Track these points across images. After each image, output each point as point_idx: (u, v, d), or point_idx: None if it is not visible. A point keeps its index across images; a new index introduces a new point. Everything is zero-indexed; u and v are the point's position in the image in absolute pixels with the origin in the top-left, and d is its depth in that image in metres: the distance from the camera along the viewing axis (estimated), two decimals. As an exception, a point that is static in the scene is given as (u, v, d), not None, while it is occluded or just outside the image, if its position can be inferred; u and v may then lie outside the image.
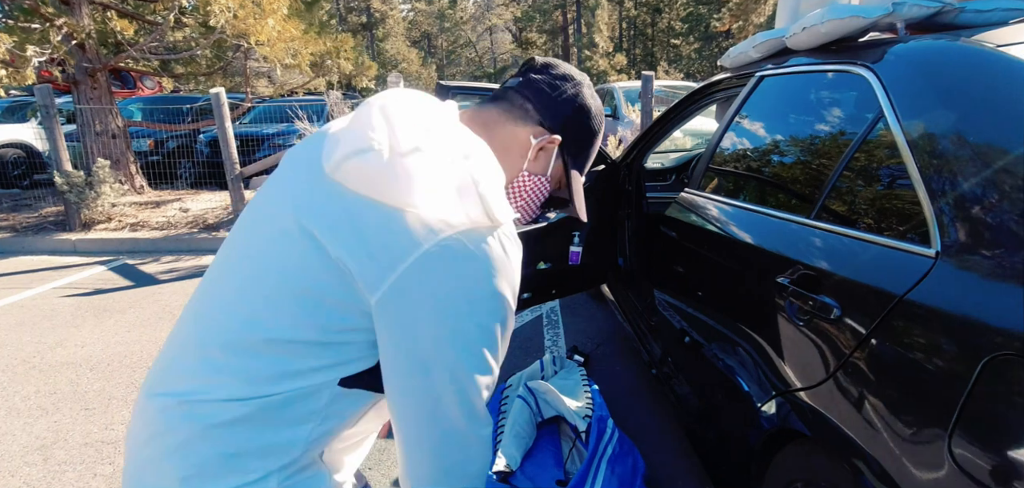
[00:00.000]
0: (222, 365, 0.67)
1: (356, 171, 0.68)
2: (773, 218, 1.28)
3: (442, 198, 0.68)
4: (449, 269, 0.66)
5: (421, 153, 0.69)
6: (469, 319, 0.67)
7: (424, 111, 0.75)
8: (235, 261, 0.74)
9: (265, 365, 0.66)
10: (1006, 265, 0.72)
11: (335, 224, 0.67)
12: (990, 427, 0.67)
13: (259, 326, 0.66)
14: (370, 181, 0.68)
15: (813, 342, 1.01)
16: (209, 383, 0.67)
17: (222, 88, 4.88)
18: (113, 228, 5.15)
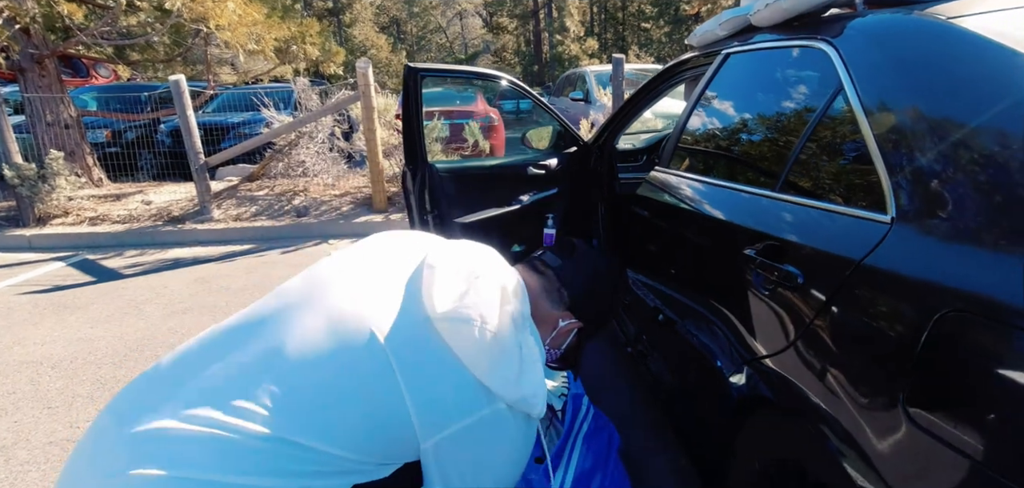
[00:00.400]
0: (253, 451, 0.66)
1: (456, 333, 0.78)
2: (740, 192, 1.32)
3: (520, 386, 0.81)
4: (502, 433, 0.81)
5: (511, 337, 0.82)
6: (501, 476, 0.82)
7: (511, 285, 0.88)
8: (286, 341, 0.74)
9: (293, 463, 0.67)
10: (955, 227, 0.75)
11: (416, 365, 0.76)
12: (940, 383, 0.71)
13: (305, 429, 0.68)
14: (464, 343, 0.78)
15: (778, 311, 1.04)
16: (231, 460, 0.65)
17: (181, 76, 4.69)
18: (71, 222, 4.94)
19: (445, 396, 0.76)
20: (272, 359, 0.71)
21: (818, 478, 0.95)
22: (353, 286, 0.82)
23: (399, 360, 0.74)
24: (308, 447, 0.67)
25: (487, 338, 0.78)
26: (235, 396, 0.67)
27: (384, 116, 5.23)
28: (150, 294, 3.47)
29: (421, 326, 0.78)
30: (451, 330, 0.78)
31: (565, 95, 9.33)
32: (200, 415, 0.65)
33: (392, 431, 0.74)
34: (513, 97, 9.42)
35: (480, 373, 0.77)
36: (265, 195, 5.50)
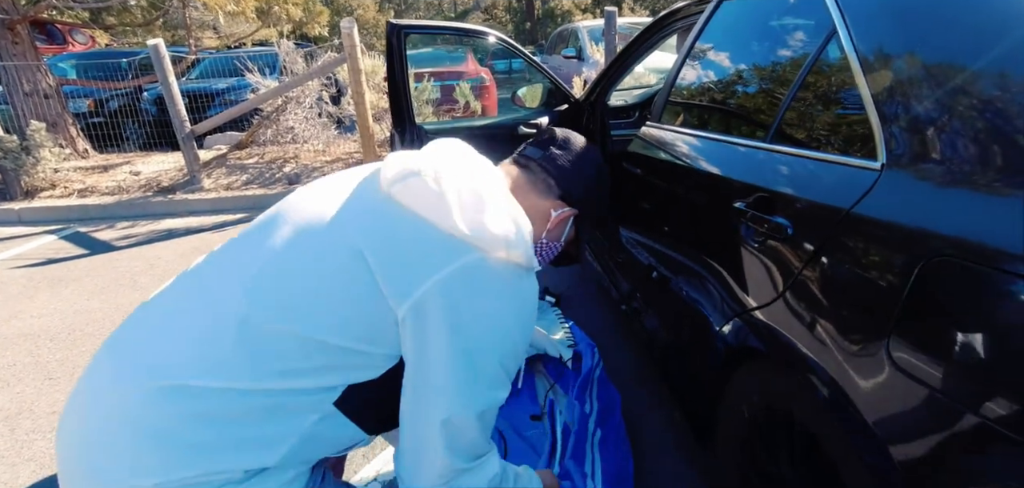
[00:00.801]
0: (230, 352, 0.66)
1: (407, 189, 0.75)
2: (730, 145, 1.31)
3: (487, 224, 0.74)
4: (481, 287, 0.73)
5: (468, 183, 0.77)
6: (487, 346, 0.73)
7: (474, 158, 0.85)
8: (261, 254, 0.74)
9: (280, 360, 0.67)
10: (945, 173, 0.75)
11: (378, 237, 0.72)
12: (924, 327, 0.72)
13: (288, 321, 0.67)
14: (418, 196, 0.74)
15: (768, 262, 1.05)
16: (211, 368, 0.66)
17: (160, 40, 4.55)
18: (59, 195, 4.88)
19: (409, 255, 0.71)
20: (252, 278, 0.71)
21: (805, 425, 0.97)
22: (316, 197, 0.79)
23: (360, 230, 0.72)
24: (288, 335, 0.66)
25: (443, 184, 0.74)
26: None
27: (372, 78, 5.13)
28: (144, 265, 3.46)
29: (380, 201, 0.76)
30: (404, 189, 0.75)
31: (557, 52, 9.14)
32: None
33: (368, 306, 0.69)
34: (505, 56, 9.23)
35: (444, 222, 0.72)
36: (255, 163, 5.42)
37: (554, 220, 0.95)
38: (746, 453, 1.20)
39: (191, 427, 0.64)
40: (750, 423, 1.16)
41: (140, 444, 0.64)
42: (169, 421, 0.64)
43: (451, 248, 0.72)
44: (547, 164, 0.95)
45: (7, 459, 1.79)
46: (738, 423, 1.20)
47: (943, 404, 0.66)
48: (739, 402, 1.19)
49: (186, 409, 0.64)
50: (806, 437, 0.98)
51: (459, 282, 0.71)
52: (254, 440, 0.67)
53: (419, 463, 0.73)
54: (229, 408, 0.65)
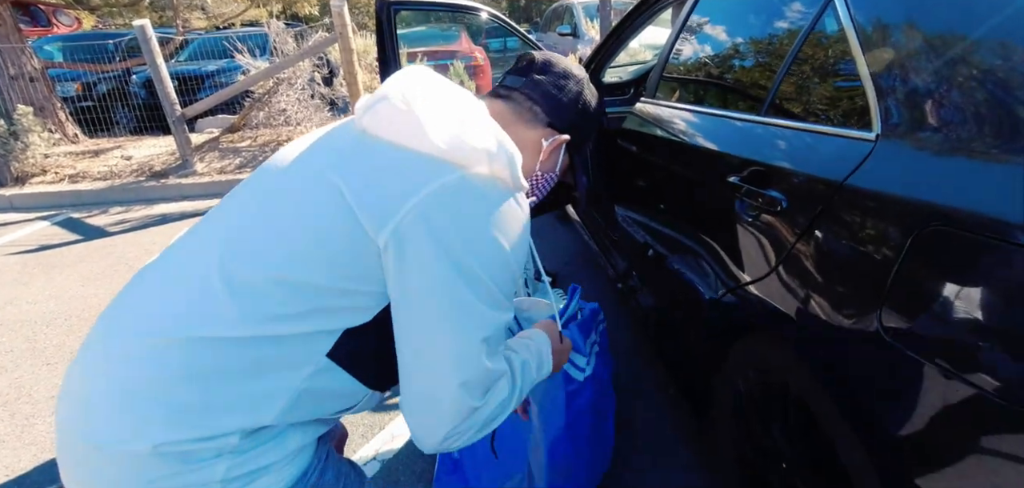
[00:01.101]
0: (218, 303, 0.64)
1: (375, 116, 0.71)
2: (725, 119, 1.30)
3: (464, 138, 0.70)
4: (464, 205, 0.67)
5: (440, 101, 0.72)
6: (478, 267, 0.67)
7: (445, 82, 0.80)
8: (243, 206, 0.72)
9: (267, 304, 0.64)
10: (937, 143, 0.76)
11: (351, 168, 0.68)
12: (915, 297, 0.73)
13: (271, 264, 0.65)
14: (388, 121, 0.70)
15: (763, 237, 1.06)
16: (198, 321, 0.64)
17: (147, 20, 4.47)
18: (50, 181, 4.83)
19: (385, 181, 0.67)
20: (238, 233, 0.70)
21: (801, 398, 0.99)
22: (295, 149, 0.78)
23: (334, 166, 0.69)
24: (274, 280, 0.64)
25: (413, 104, 0.70)
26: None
27: (365, 59, 5.06)
28: (139, 250, 3.45)
29: (353, 137, 0.73)
30: (372, 117, 0.71)
31: (552, 30, 9.04)
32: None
33: (349, 241, 0.66)
34: (499, 35, 9.11)
35: (418, 142, 0.68)
36: (248, 146, 5.37)
37: (546, 149, 0.89)
38: (742, 427, 1.22)
39: (180, 387, 0.62)
40: (746, 397, 1.18)
41: (131, 407, 0.62)
42: (158, 382, 0.62)
43: (429, 168, 0.67)
44: (531, 91, 0.89)
45: (8, 443, 1.81)
46: (734, 398, 1.22)
47: (935, 374, 0.67)
48: (735, 377, 1.21)
49: (174, 367, 0.63)
50: (801, 410, 1.00)
51: (440, 202, 0.66)
52: (246, 397, 0.64)
53: (427, 412, 0.69)
54: (218, 362, 0.63)
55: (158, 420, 0.61)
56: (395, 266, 0.65)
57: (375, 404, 0.82)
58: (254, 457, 0.65)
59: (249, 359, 0.64)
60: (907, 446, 0.72)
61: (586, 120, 0.95)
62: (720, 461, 1.32)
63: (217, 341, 0.63)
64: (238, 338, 0.63)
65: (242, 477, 0.64)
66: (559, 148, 0.92)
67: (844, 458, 0.86)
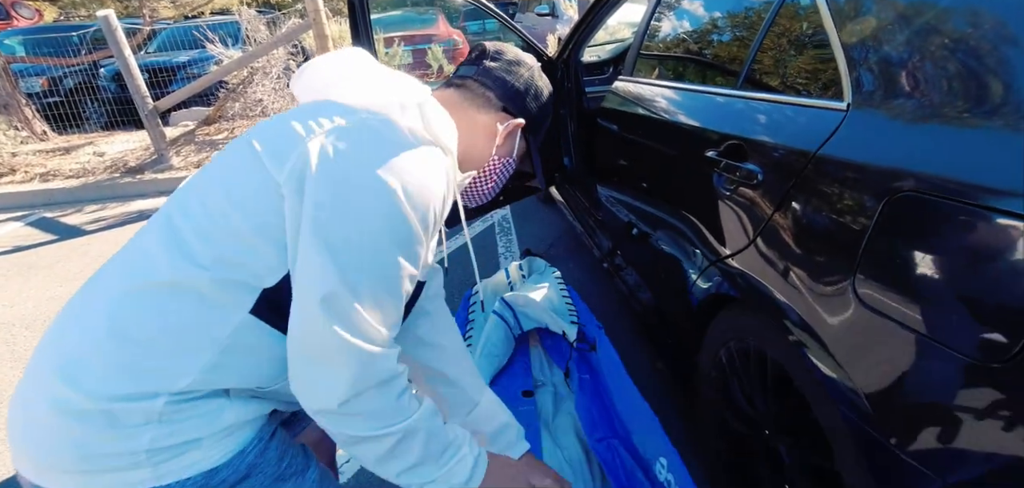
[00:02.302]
0: (154, 252, 0.67)
1: (302, 81, 0.75)
2: (701, 94, 1.32)
3: (376, 93, 0.72)
4: (359, 149, 0.66)
5: (367, 72, 0.76)
6: (373, 213, 0.65)
7: (378, 64, 0.81)
8: (191, 182, 0.75)
9: (190, 249, 0.65)
10: (906, 111, 0.77)
11: (270, 124, 0.71)
12: (887, 262, 0.75)
13: (193, 214, 0.68)
14: (310, 82, 0.74)
15: (740, 209, 1.08)
16: (134, 270, 0.67)
17: (111, 10, 4.32)
18: (20, 180, 4.68)
19: (293, 124, 0.69)
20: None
21: (777, 363, 1.02)
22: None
23: (257, 129, 0.73)
24: (199, 224, 0.67)
25: (336, 65, 0.77)
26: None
27: (340, 45, 4.97)
28: (118, 248, 3.37)
29: (297, 113, 0.74)
30: (296, 80, 0.79)
31: (531, 10, 8.96)
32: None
33: (259, 188, 0.66)
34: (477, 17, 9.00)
35: (336, 94, 0.74)
36: (225, 138, 5.26)
37: (502, 133, 0.89)
38: (724, 396, 1.25)
39: (108, 342, 0.63)
40: (728, 368, 1.21)
41: (64, 367, 0.63)
42: (89, 341, 0.64)
43: (340, 109, 0.69)
44: (483, 77, 0.90)
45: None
46: (716, 368, 1.25)
47: (908, 336, 0.69)
48: (716, 348, 1.24)
49: (103, 324, 0.64)
50: (780, 377, 1.03)
51: (344, 134, 0.66)
52: (168, 351, 0.63)
53: (300, 358, 0.66)
54: (143, 315, 0.64)
55: (87, 375, 0.62)
56: (289, 207, 0.65)
57: None
58: (181, 429, 0.64)
59: (173, 311, 0.64)
60: (881, 407, 0.75)
61: (539, 105, 0.96)
62: (705, 431, 1.35)
63: (143, 292, 0.65)
64: (162, 284, 0.64)
65: (168, 449, 0.63)
66: (515, 132, 0.93)
67: (822, 422, 0.89)
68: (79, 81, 6.31)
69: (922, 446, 0.69)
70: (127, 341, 0.63)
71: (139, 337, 0.63)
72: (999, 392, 0.60)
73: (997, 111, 0.66)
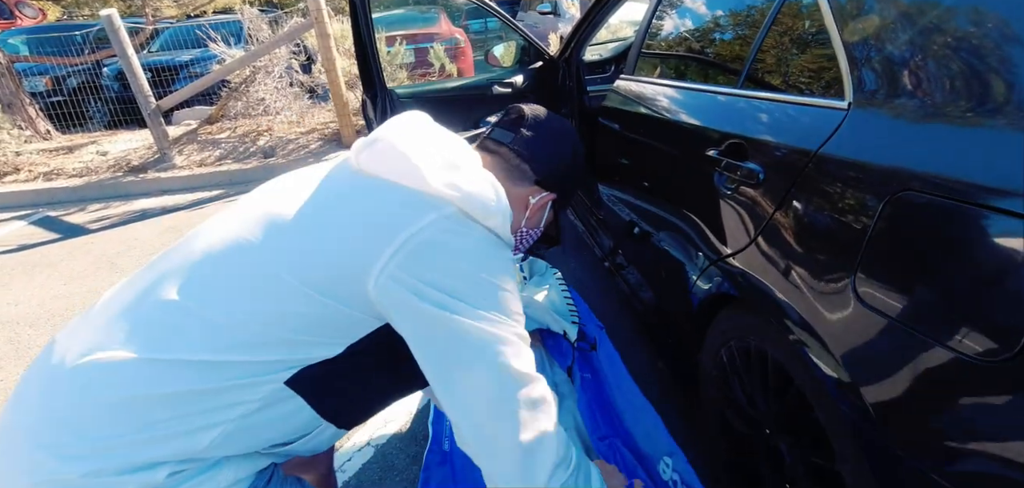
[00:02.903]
0: (189, 324, 0.63)
1: (372, 154, 0.73)
2: (703, 93, 1.32)
3: (460, 182, 0.72)
4: (458, 240, 0.69)
5: (437, 146, 0.75)
6: (463, 296, 0.67)
7: (440, 129, 0.83)
8: (231, 248, 0.69)
9: (239, 332, 0.63)
10: (907, 110, 0.77)
11: (336, 206, 0.70)
12: (887, 262, 0.74)
13: (246, 298, 0.65)
14: (383, 160, 0.72)
15: (741, 209, 1.08)
16: (163, 339, 0.62)
17: (114, 10, 4.33)
18: (24, 179, 4.71)
19: (378, 219, 0.68)
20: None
21: (778, 363, 1.02)
22: (282, 190, 0.77)
23: (318, 205, 0.70)
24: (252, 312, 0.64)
25: (409, 147, 0.72)
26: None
27: (343, 44, 4.97)
28: (121, 247, 3.39)
29: (348, 178, 0.74)
30: (369, 156, 0.73)
31: (533, 9, 8.94)
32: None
33: (338, 272, 0.66)
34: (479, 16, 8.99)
35: (414, 180, 0.70)
36: (227, 137, 5.28)
37: (533, 207, 0.89)
38: (725, 395, 1.25)
39: (116, 415, 0.59)
40: (729, 367, 1.21)
41: (54, 442, 0.59)
42: (90, 406, 0.59)
43: (423, 203, 0.69)
44: (520, 148, 0.89)
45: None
46: (717, 367, 1.25)
47: (908, 336, 0.69)
48: (718, 347, 1.24)
49: (115, 394, 0.60)
50: (781, 376, 1.02)
51: (438, 236, 0.67)
52: (184, 422, 0.61)
53: (488, 454, 0.68)
54: (166, 386, 0.60)
55: (81, 444, 0.59)
56: (395, 308, 0.66)
57: (332, 442, 0.80)
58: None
59: (199, 384, 0.62)
60: (881, 406, 0.74)
61: (574, 178, 0.96)
62: (706, 431, 1.35)
63: (172, 364, 0.61)
64: (196, 362, 0.61)
65: None
66: (545, 206, 0.93)
67: (823, 421, 0.89)
68: (82, 80, 6.33)
69: (922, 445, 0.69)
70: (137, 411, 0.60)
71: (153, 416, 0.60)
72: (999, 391, 0.60)
73: (997, 111, 0.66)
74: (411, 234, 0.66)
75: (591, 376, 1.58)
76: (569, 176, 0.94)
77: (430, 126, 0.82)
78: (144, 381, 0.61)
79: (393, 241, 0.65)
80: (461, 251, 0.68)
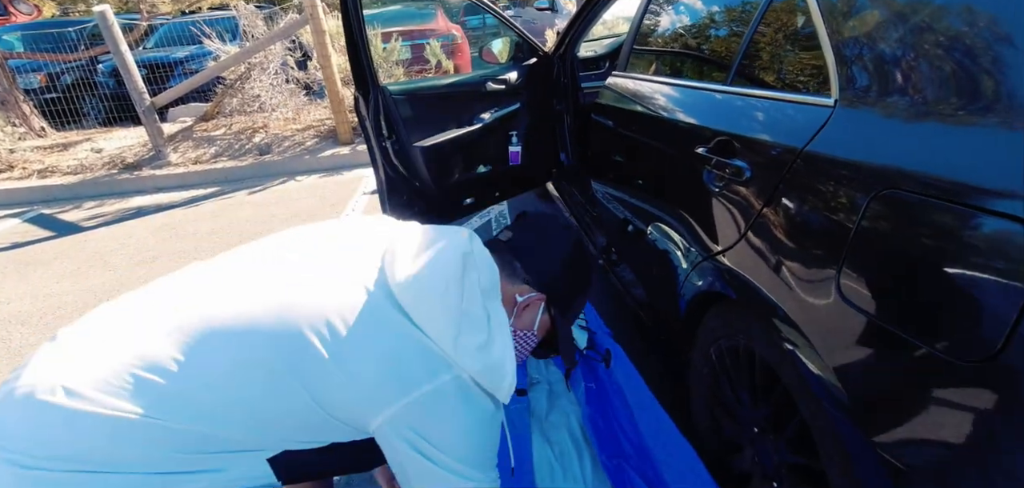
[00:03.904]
0: (190, 395, 0.66)
1: (415, 298, 0.73)
2: (693, 89, 1.31)
3: (476, 346, 0.74)
4: (452, 406, 0.73)
5: (474, 303, 0.76)
6: (448, 455, 0.72)
7: (477, 249, 0.83)
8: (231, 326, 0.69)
9: (227, 414, 0.67)
10: (891, 108, 0.77)
11: (363, 338, 0.71)
12: (871, 260, 0.74)
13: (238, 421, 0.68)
14: (419, 300, 0.72)
15: (729, 206, 1.07)
16: (158, 404, 0.65)
17: (107, 6, 4.30)
18: (18, 176, 4.69)
19: (396, 368, 0.71)
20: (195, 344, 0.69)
21: (764, 361, 1.02)
22: (302, 260, 0.78)
23: (339, 317, 0.71)
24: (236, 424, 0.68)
25: (450, 300, 0.73)
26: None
27: (338, 40, 4.95)
28: (115, 245, 3.38)
29: (373, 300, 0.73)
30: (403, 289, 0.73)
31: (530, 4, 8.92)
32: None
33: (327, 412, 0.71)
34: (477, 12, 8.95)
35: (436, 332, 0.72)
36: (223, 135, 5.26)
37: (520, 306, 0.90)
38: (714, 392, 1.25)
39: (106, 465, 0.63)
40: (718, 364, 1.21)
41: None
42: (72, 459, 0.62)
43: (441, 363, 0.73)
44: (516, 244, 0.91)
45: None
46: (707, 365, 1.25)
47: (890, 334, 0.69)
48: (708, 345, 1.24)
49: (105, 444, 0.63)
50: (767, 375, 1.02)
51: (444, 397, 0.72)
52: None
53: None
54: (154, 451, 0.64)
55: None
56: (391, 448, 0.72)
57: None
58: None
59: (188, 453, 0.66)
60: (864, 405, 0.75)
61: (566, 281, 0.94)
62: (696, 428, 1.35)
63: (165, 430, 0.64)
64: (181, 431, 0.65)
65: None
66: (535, 307, 0.91)
67: (807, 419, 0.89)
68: (77, 77, 6.29)
69: (904, 444, 0.69)
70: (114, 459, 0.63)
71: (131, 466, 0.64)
72: (981, 390, 0.60)
73: (982, 110, 0.65)
74: (423, 393, 0.70)
75: (596, 387, 1.55)
76: (561, 278, 0.93)
77: (467, 257, 0.80)
78: (139, 439, 0.64)
79: (406, 396, 0.69)
80: (463, 415, 0.73)
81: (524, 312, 0.90)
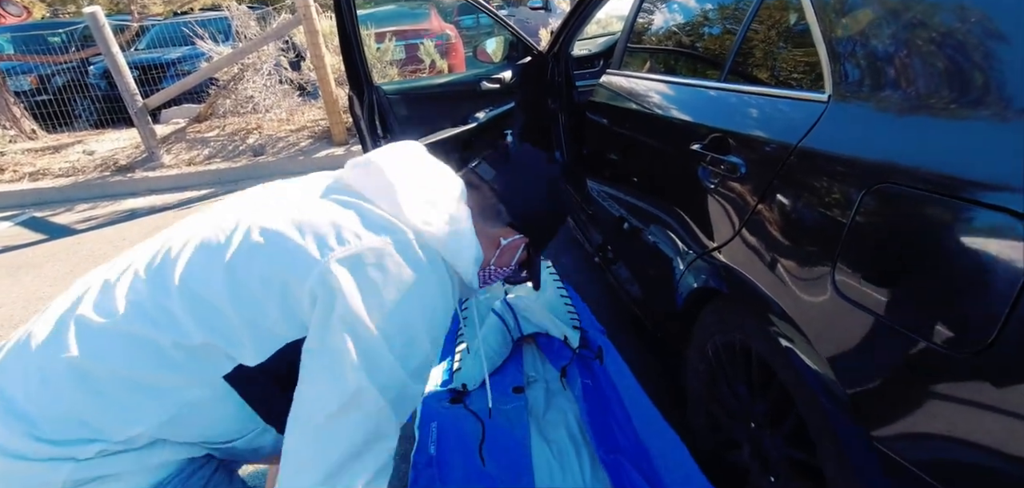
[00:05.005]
0: (163, 305, 0.66)
1: (359, 173, 0.77)
2: (688, 86, 1.32)
3: (432, 220, 0.75)
4: (405, 267, 0.70)
5: (422, 180, 0.78)
6: (400, 321, 0.69)
7: (431, 161, 0.85)
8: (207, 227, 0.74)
9: (192, 320, 0.66)
10: (885, 103, 0.77)
11: (315, 208, 0.73)
12: (865, 255, 0.75)
13: (213, 288, 0.67)
14: (367, 179, 0.76)
15: (724, 202, 1.08)
16: (103, 312, 0.66)
17: (98, 7, 4.27)
18: (8, 179, 4.65)
19: (342, 221, 0.70)
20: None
21: (760, 356, 1.02)
22: (266, 196, 0.81)
23: (296, 201, 0.74)
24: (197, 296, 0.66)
25: (394, 169, 0.76)
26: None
27: (331, 41, 4.93)
28: (109, 248, 3.36)
29: (330, 189, 0.78)
30: (354, 175, 0.78)
31: (524, 3, 8.92)
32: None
33: (287, 266, 0.67)
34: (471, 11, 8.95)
35: (387, 201, 0.73)
36: (216, 136, 5.23)
37: (504, 248, 0.91)
38: (711, 389, 1.25)
39: (68, 395, 0.63)
40: (714, 360, 1.21)
41: (13, 413, 0.63)
42: (51, 391, 0.63)
43: (387, 225, 0.72)
44: (500, 187, 0.89)
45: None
46: (703, 361, 1.25)
47: (886, 328, 0.70)
48: (704, 341, 1.24)
49: (69, 374, 0.63)
50: (763, 370, 1.03)
51: (387, 252, 0.69)
52: (125, 404, 0.64)
53: (318, 447, 0.64)
54: (113, 366, 0.64)
55: (35, 422, 0.62)
56: (321, 304, 0.65)
57: (271, 449, 0.80)
58: (106, 465, 0.65)
59: (145, 366, 0.65)
60: (860, 399, 0.75)
61: (549, 223, 0.97)
62: (693, 424, 1.36)
63: (120, 337, 0.64)
64: (140, 338, 0.64)
65: (87, 481, 0.64)
66: (517, 247, 0.93)
67: (803, 415, 0.89)
68: (69, 79, 6.24)
69: (900, 438, 0.70)
70: (89, 391, 0.63)
71: (103, 389, 0.64)
72: (976, 382, 0.60)
73: (974, 104, 0.66)
74: (364, 246, 0.68)
75: (592, 383, 1.54)
76: (544, 221, 0.95)
77: (423, 157, 0.84)
78: (94, 360, 0.64)
79: (347, 245, 0.67)
80: (400, 280, 0.68)
81: (505, 252, 0.92)
